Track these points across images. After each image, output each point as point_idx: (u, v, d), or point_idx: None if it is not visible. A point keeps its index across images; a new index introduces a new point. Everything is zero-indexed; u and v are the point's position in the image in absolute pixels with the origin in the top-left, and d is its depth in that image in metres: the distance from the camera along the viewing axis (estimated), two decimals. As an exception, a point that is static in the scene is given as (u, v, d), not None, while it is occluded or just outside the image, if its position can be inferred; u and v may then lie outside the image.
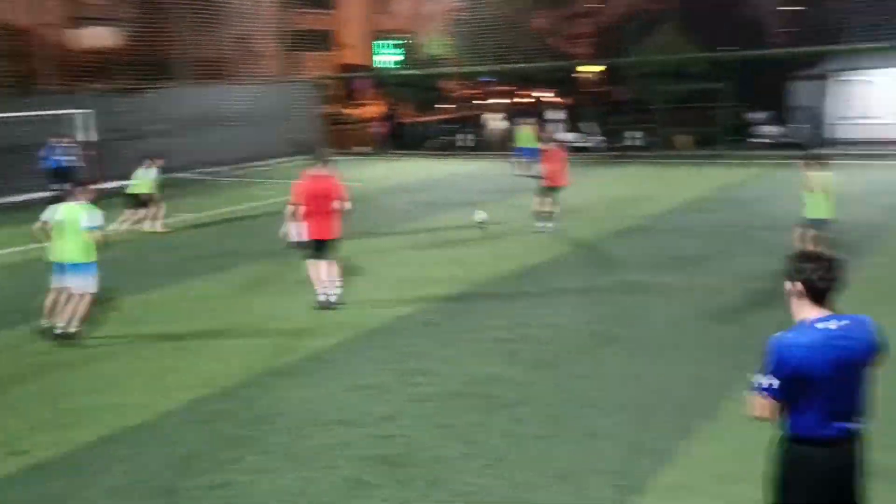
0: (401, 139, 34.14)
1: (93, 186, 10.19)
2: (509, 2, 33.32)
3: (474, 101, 42.65)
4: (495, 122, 33.17)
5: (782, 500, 3.72)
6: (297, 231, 10.06)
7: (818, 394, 3.52)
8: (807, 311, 3.60)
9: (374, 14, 58.83)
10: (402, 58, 38.29)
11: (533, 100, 40.08)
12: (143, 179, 16.10)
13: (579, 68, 38.23)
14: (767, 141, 27.18)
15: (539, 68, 31.68)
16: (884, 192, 17.97)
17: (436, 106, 36.56)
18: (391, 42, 39.95)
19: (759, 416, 3.62)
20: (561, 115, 31.38)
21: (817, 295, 3.56)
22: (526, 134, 23.41)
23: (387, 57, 39.10)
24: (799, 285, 3.59)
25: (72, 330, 9.13)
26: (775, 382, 3.53)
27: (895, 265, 11.63)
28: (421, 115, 36.78)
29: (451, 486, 5.58)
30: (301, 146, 33.26)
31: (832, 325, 3.53)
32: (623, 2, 35.86)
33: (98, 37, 39.93)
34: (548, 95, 38.37)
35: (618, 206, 17.36)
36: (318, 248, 10.03)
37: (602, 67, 39.35)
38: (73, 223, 9.08)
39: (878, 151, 24.02)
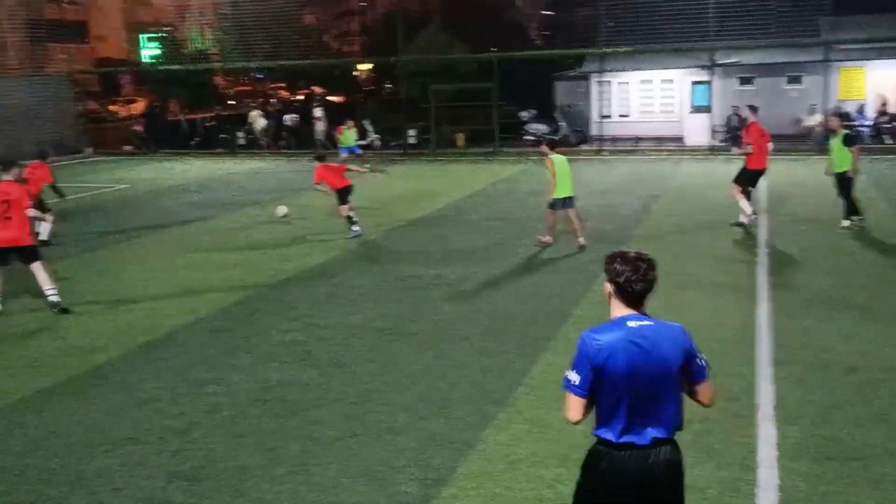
0: (169, 138, 32.35)
1: None
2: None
3: (246, 99, 41.58)
4: (262, 120, 32.16)
5: (574, 500, 3.75)
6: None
7: (619, 395, 3.50)
8: (619, 311, 3.61)
9: (131, 5, 55.51)
10: (159, 52, 36.34)
11: (303, 97, 39.78)
12: None
13: (352, 66, 38.45)
14: (535, 138, 28.84)
15: (312, 65, 31.39)
16: (638, 181, 19.79)
17: (211, 104, 35.18)
18: (149, 35, 37.84)
19: (569, 418, 3.58)
20: (319, 113, 31.01)
21: (629, 296, 3.57)
22: (348, 134, 23.07)
23: (148, 51, 37.03)
24: (612, 286, 3.61)
25: None
26: (577, 378, 3.52)
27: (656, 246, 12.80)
28: (192, 113, 35.21)
29: (256, 496, 5.43)
30: (54, 146, 30.71)
31: (638, 323, 3.54)
32: (388, 2, 36.55)
33: None
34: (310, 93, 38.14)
35: (400, 203, 17.68)
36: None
37: (372, 66, 39.93)
38: None
39: (632, 147, 26.97)
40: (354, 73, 40.86)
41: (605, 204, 16.45)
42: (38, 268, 10.04)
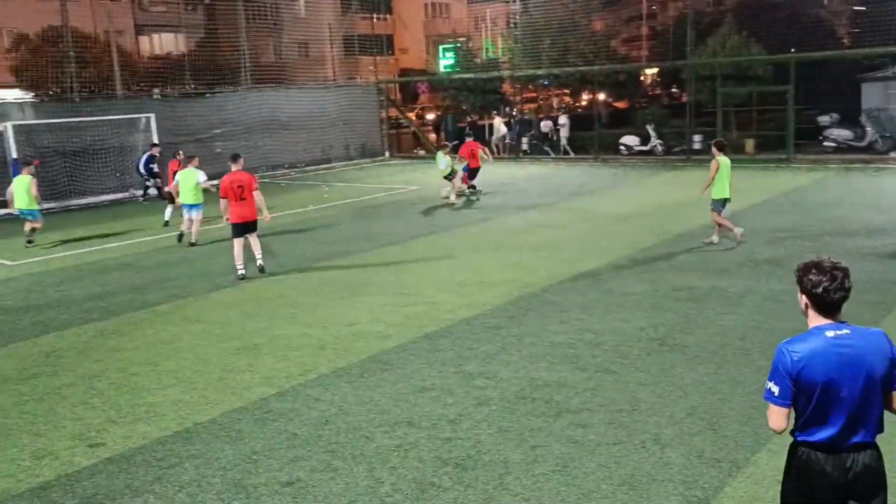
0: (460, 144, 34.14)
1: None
2: (567, 4, 33.18)
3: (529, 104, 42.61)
4: (503, 128, 33.54)
5: (782, 501, 3.80)
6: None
7: (820, 402, 3.53)
8: (815, 321, 3.62)
9: (432, 18, 59.30)
10: (454, 61, 38.33)
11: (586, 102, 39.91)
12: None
13: (638, 71, 37.86)
14: (836, 145, 26.49)
15: (596, 71, 31.37)
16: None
17: (499, 110, 36.68)
18: (447, 45, 40.09)
19: (771, 427, 3.64)
20: (564, 120, 32.25)
21: (827, 306, 3.57)
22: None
23: (445, 61, 39.30)
24: (807, 297, 3.61)
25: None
26: (777, 389, 3.59)
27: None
28: (480, 119, 36.92)
29: (518, 491, 5.57)
30: (362, 149, 33.73)
31: (836, 332, 3.54)
32: (680, 4, 35.44)
33: (164, 43, 40.93)
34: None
35: (680, 210, 17.12)
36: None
37: (657, 70, 39.00)
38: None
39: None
40: (640, 77, 40.20)
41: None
42: (255, 238, 12.86)
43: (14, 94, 27.69)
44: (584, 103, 42.78)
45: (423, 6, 61.49)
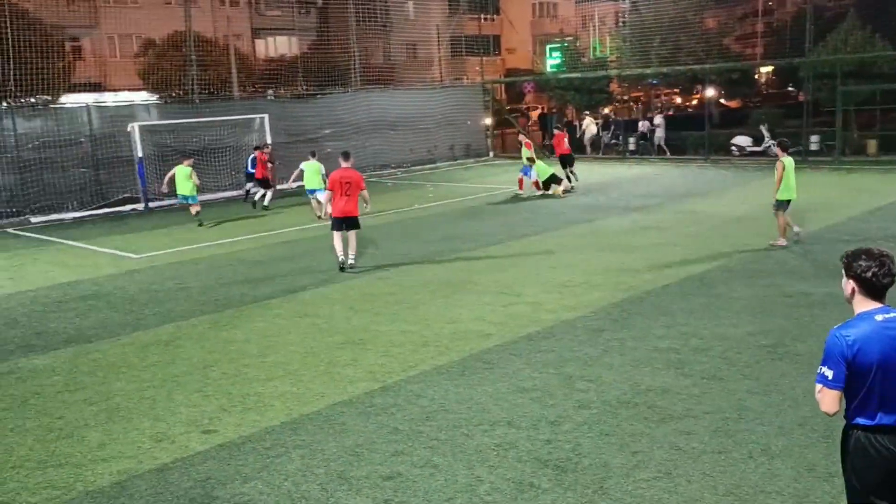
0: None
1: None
2: (678, 2, 32.40)
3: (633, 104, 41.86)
4: (593, 128, 33.63)
5: (849, 487, 3.92)
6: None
7: (875, 382, 3.69)
8: (863, 306, 3.81)
9: (539, 18, 59.04)
10: (560, 61, 38.04)
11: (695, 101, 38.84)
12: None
13: (752, 69, 36.60)
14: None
15: (707, 69, 30.50)
16: None
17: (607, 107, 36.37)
18: (554, 45, 39.83)
19: (824, 410, 3.79)
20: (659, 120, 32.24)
21: (873, 290, 3.77)
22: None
23: (552, 61, 39.08)
24: (856, 282, 3.81)
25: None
26: (831, 373, 3.72)
27: None
28: (582, 119, 36.55)
29: (617, 496, 5.51)
30: (467, 150, 33.96)
31: (884, 316, 3.72)
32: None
33: (278, 46, 42.32)
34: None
35: (792, 214, 16.45)
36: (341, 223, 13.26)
37: (772, 68, 37.61)
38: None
39: None
40: (754, 76, 38.85)
41: None
42: (353, 235, 13.33)
43: (141, 97, 29.24)
44: (693, 102, 41.69)
45: (530, 6, 61.28)
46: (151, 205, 23.39)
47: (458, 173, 29.64)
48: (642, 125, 33.34)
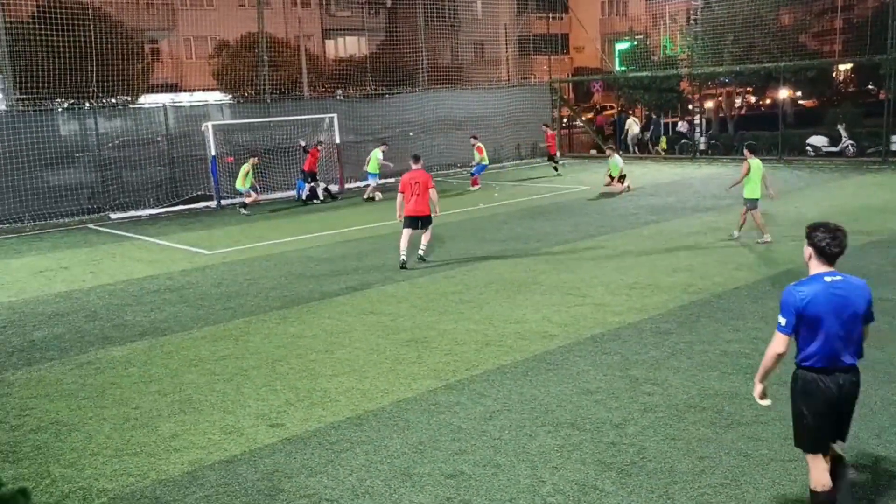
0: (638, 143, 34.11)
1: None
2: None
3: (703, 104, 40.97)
4: (636, 127, 34.17)
5: (795, 416, 4.85)
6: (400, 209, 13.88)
7: (818, 332, 4.61)
8: (817, 269, 4.71)
9: (608, 16, 58.35)
10: (629, 59, 37.53)
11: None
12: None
13: (830, 67, 35.48)
14: None
15: (782, 68, 29.68)
16: None
17: (676, 108, 35.80)
18: (623, 43, 39.32)
19: (775, 350, 4.70)
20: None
21: (827, 258, 4.68)
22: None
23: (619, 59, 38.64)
24: (813, 249, 4.70)
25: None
26: (784, 320, 4.65)
27: None
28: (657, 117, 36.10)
29: (683, 502, 5.42)
30: (533, 149, 33.80)
31: (832, 279, 4.63)
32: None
33: (347, 46, 42.82)
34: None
35: (870, 216, 15.95)
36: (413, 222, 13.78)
37: (851, 65, 36.39)
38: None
39: None
40: (832, 73, 37.64)
41: None
42: (428, 231, 13.94)
43: (214, 97, 29.96)
44: (767, 101, 40.63)
45: (599, 4, 60.61)
46: (224, 202, 23.95)
47: (524, 173, 29.52)
48: (682, 125, 33.86)
